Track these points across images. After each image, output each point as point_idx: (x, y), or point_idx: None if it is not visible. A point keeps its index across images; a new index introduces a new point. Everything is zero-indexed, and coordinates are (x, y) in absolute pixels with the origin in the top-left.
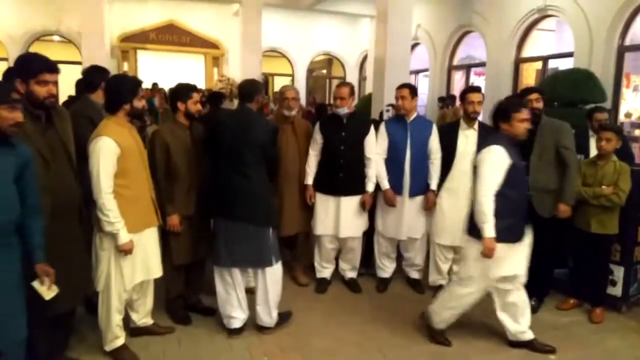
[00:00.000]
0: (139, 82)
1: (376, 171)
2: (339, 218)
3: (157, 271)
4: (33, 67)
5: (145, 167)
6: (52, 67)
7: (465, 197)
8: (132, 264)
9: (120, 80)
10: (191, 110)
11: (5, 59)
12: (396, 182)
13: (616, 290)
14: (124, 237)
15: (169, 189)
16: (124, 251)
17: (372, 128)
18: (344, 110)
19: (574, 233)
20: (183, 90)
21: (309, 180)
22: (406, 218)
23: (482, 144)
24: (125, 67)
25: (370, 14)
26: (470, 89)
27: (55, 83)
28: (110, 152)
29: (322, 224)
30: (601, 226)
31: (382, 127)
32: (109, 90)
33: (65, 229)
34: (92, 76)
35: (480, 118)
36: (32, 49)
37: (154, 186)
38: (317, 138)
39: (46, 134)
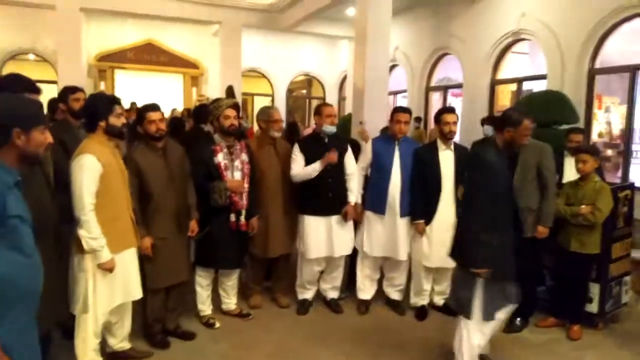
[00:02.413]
0: (115, 100)
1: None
2: (331, 238)
3: (137, 293)
4: (14, 88)
5: (126, 187)
6: (33, 87)
7: (451, 218)
8: (112, 286)
9: (95, 97)
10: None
11: None
12: (380, 201)
13: (592, 307)
14: (106, 254)
15: (141, 211)
16: (106, 269)
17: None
18: (333, 129)
19: (555, 252)
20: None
21: (318, 164)
22: (401, 237)
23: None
24: (102, 86)
25: (349, 36)
26: (445, 110)
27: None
28: (92, 170)
29: (315, 247)
30: (580, 245)
31: (368, 145)
32: (85, 108)
33: (41, 251)
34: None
35: (456, 138)
36: (6, 69)
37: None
38: (299, 158)
39: None
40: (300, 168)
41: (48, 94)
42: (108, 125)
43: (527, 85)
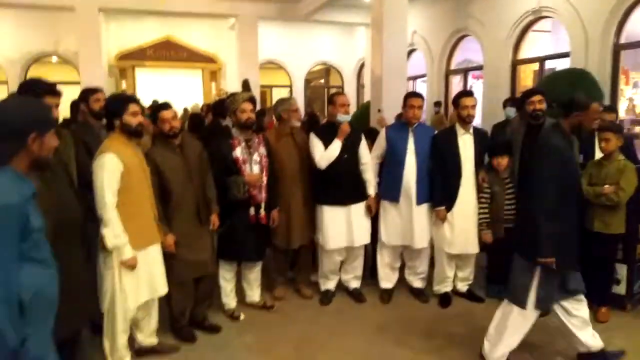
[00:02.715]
0: (130, 98)
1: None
2: (351, 227)
3: (162, 289)
4: (35, 90)
5: (149, 184)
6: (53, 90)
7: (472, 203)
8: (137, 283)
9: (111, 97)
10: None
11: (5, 82)
12: (395, 189)
13: (620, 289)
14: (128, 252)
15: (162, 209)
16: (129, 266)
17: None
18: (348, 117)
19: (582, 234)
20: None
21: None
22: (417, 225)
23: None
24: (124, 85)
25: (366, 23)
26: (463, 94)
27: (56, 105)
28: (114, 168)
29: (334, 238)
30: (604, 225)
31: (382, 132)
32: (104, 108)
33: (68, 250)
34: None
35: (478, 121)
36: (31, 71)
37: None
38: (319, 145)
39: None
40: (322, 152)
41: (72, 95)
42: (123, 124)
43: (549, 64)
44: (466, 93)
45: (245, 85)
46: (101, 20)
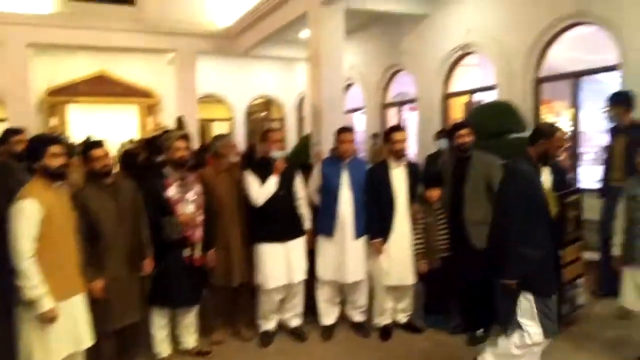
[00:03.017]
0: (51, 140)
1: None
2: (290, 264)
3: (88, 340)
4: None
5: (72, 230)
6: None
7: (407, 235)
8: (58, 336)
9: (33, 139)
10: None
11: None
12: (329, 223)
13: None
14: (47, 303)
15: (91, 252)
16: (48, 320)
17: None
18: (281, 153)
19: None
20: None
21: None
22: (351, 260)
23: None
24: (54, 122)
25: (305, 58)
26: (393, 129)
27: None
28: (33, 214)
29: (273, 276)
30: None
31: (317, 167)
32: (25, 151)
33: None
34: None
35: (413, 153)
36: None
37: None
38: (255, 182)
39: None
40: (258, 189)
41: None
42: (43, 167)
43: (478, 97)
44: (396, 128)
45: (180, 122)
46: (30, 55)
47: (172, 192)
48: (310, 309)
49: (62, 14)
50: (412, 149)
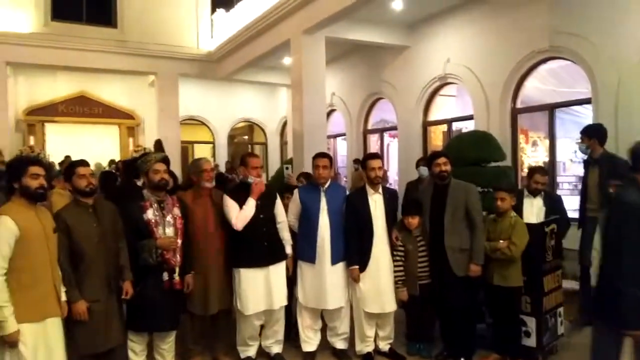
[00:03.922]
0: (30, 160)
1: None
2: (270, 289)
3: None
4: None
5: (50, 251)
6: None
7: (386, 262)
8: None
9: (12, 159)
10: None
11: None
12: (309, 249)
13: (531, 341)
14: (11, 325)
15: (73, 273)
16: (10, 342)
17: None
18: (260, 180)
19: (486, 288)
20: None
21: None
22: (330, 286)
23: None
24: (32, 141)
25: (287, 84)
26: (369, 156)
27: None
28: (6, 233)
29: (253, 302)
30: (503, 279)
31: (296, 193)
32: (5, 171)
33: None
34: None
35: (394, 179)
36: None
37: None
38: (234, 206)
39: None
40: (238, 212)
41: None
42: (22, 187)
43: (457, 126)
44: (372, 155)
45: (159, 145)
46: (8, 74)
47: (150, 214)
48: (291, 336)
49: (43, 34)
50: (393, 176)
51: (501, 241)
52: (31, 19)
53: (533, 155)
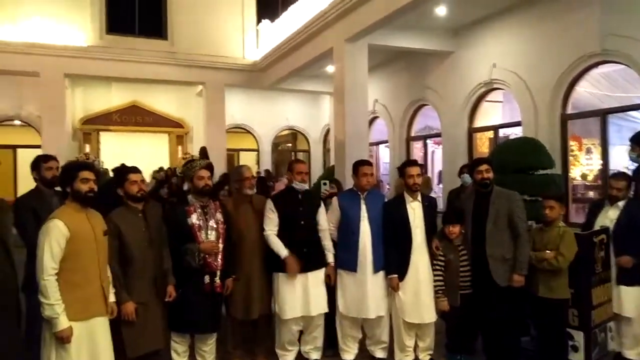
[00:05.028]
0: (82, 165)
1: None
2: (308, 296)
3: None
4: None
5: (101, 254)
6: None
7: (425, 271)
8: (78, 355)
9: (65, 165)
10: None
11: None
12: (350, 257)
13: (579, 356)
14: (62, 322)
15: (122, 275)
16: (61, 338)
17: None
18: (304, 186)
19: (531, 300)
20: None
21: (285, 252)
22: (371, 295)
23: None
24: (87, 149)
25: (330, 92)
26: (407, 163)
27: None
28: (57, 235)
29: (291, 307)
30: (549, 290)
31: (335, 201)
32: (59, 176)
33: (3, 329)
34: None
35: (438, 187)
36: None
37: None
38: (273, 216)
39: None
40: (274, 227)
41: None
42: (74, 191)
43: (504, 132)
44: (410, 162)
45: (203, 152)
46: (66, 85)
47: (194, 219)
48: (331, 343)
49: (98, 47)
50: (438, 183)
51: (548, 251)
52: (88, 32)
53: (587, 162)
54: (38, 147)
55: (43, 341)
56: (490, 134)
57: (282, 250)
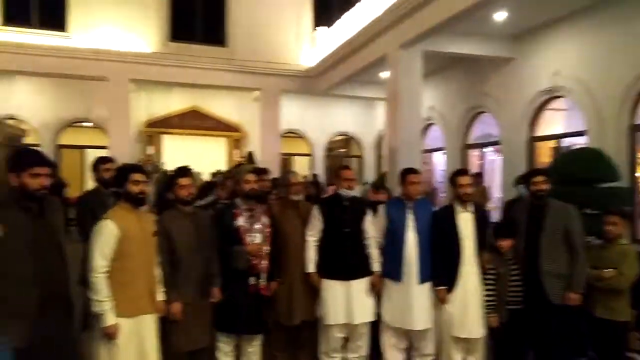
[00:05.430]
0: (134, 168)
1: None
2: (351, 304)
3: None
4: (25, 161)
5: (148, 254)
6: (43, 160)
7: (474, 284)
8: (126, 351)
9: (119, 167)
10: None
11: (37, 145)
12: (394, 267)
13: None
14: (109, 319)
15: (171, 275)
16: (108, 334)
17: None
18: (351, 193)
19: (588, 319)
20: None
21: (312, 268)
22: (416, 306)
23: None
24: (150, 150)
25: (384, 98)
26: (458, 172)
27: (47, 175)
28: (108, 234)
29: (333, 313)
30: (608, 311)
31: (382, 209)
32: (114, 177)
33: (53, 320)
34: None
35: (496, 197)
36: (65, 135)
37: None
38: (317, 223)
39: (36, 225)
40: (316, 233)
41: None
42: (126, 192)
43: (568, 142)
44: (461, 172)
45: (250, 157)
46: (131, 90)
47: (241, 221)
48: (377, 353)
49: (162, 53)
50: (496, 194)
51: (607, 270)
52: (152, 40)
53: None
54: (105, 147)
55: (94, 333)
56: (552, 143)
57: (310, 264)
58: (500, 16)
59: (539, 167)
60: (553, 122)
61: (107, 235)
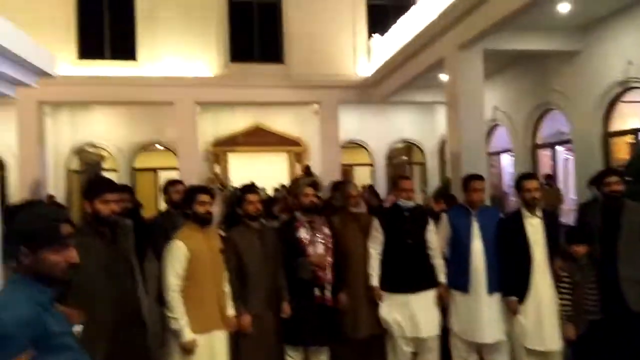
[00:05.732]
0: (201, 189)
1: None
2: (416, 317)
3: None
4: (96, 188)
5: (217, 271)
6: (113, 187)
7: (548, 293)
8: None
9: (187, 189)
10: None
11: (114, 170)
12: (461, 277)
13: None
14: (186, 334)
15: (240, 290)
16: (186, 350)
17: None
18: (409, 204)
19: None
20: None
21: (375, 281)
22: (486, 318)
23: None
24: (216, 169)
25: (444, 101)
26: (524, 176)
27: (118, 201)
28: (179, 254)
29: (397, 325)
30: None
31: (445, 217)
32: (183, 199)
33: (129, 340)
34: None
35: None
36: (138, 159)
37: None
38: (378, 235)
39: (110, 249)
40: (378, 246)
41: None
42: (193, 213)
43: None
44: (527, 176)
45: (307, 170)
46: (197, 112)
47: (302, 233)
48: None
49: (223, 76)
50: (571, 195)
51: None
52: (214, 63)
53: None
54: (175, 168)
55: (168, 348)
56: (630, 138)
57: (373, 279)
58: (563, 8)
59: (612, 167)
60: (630, 116)
61: (177, 255)
